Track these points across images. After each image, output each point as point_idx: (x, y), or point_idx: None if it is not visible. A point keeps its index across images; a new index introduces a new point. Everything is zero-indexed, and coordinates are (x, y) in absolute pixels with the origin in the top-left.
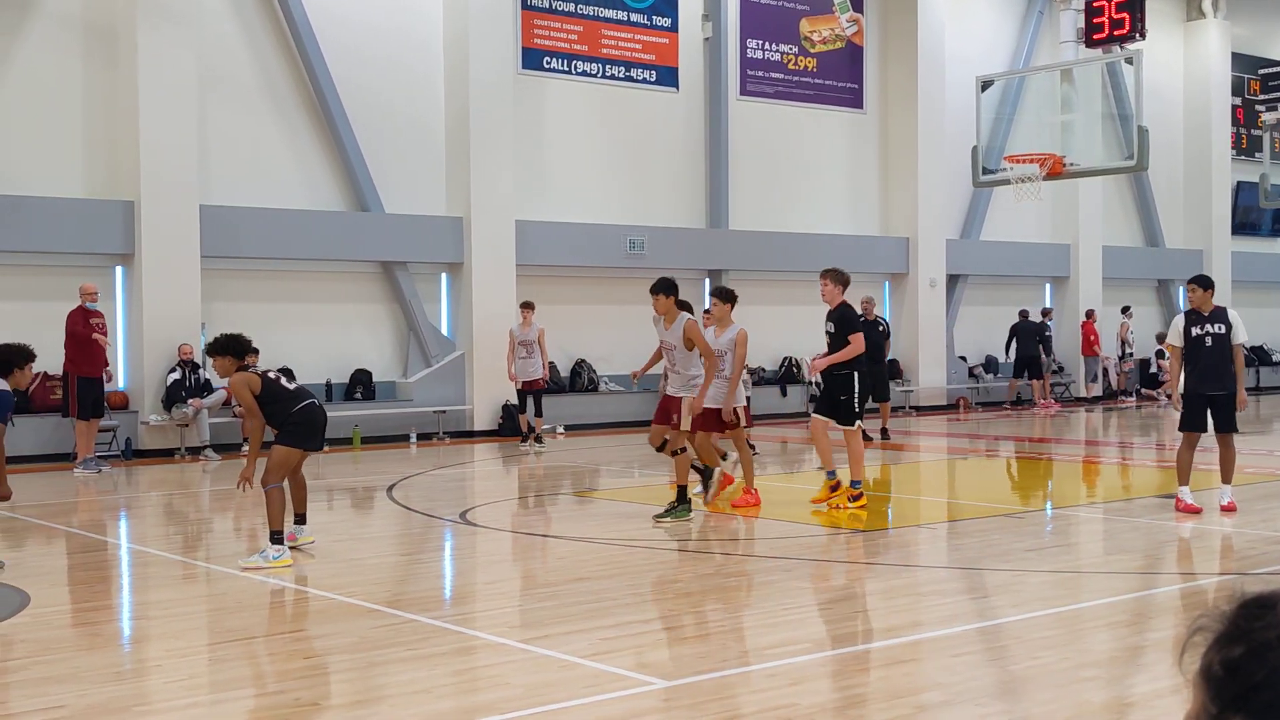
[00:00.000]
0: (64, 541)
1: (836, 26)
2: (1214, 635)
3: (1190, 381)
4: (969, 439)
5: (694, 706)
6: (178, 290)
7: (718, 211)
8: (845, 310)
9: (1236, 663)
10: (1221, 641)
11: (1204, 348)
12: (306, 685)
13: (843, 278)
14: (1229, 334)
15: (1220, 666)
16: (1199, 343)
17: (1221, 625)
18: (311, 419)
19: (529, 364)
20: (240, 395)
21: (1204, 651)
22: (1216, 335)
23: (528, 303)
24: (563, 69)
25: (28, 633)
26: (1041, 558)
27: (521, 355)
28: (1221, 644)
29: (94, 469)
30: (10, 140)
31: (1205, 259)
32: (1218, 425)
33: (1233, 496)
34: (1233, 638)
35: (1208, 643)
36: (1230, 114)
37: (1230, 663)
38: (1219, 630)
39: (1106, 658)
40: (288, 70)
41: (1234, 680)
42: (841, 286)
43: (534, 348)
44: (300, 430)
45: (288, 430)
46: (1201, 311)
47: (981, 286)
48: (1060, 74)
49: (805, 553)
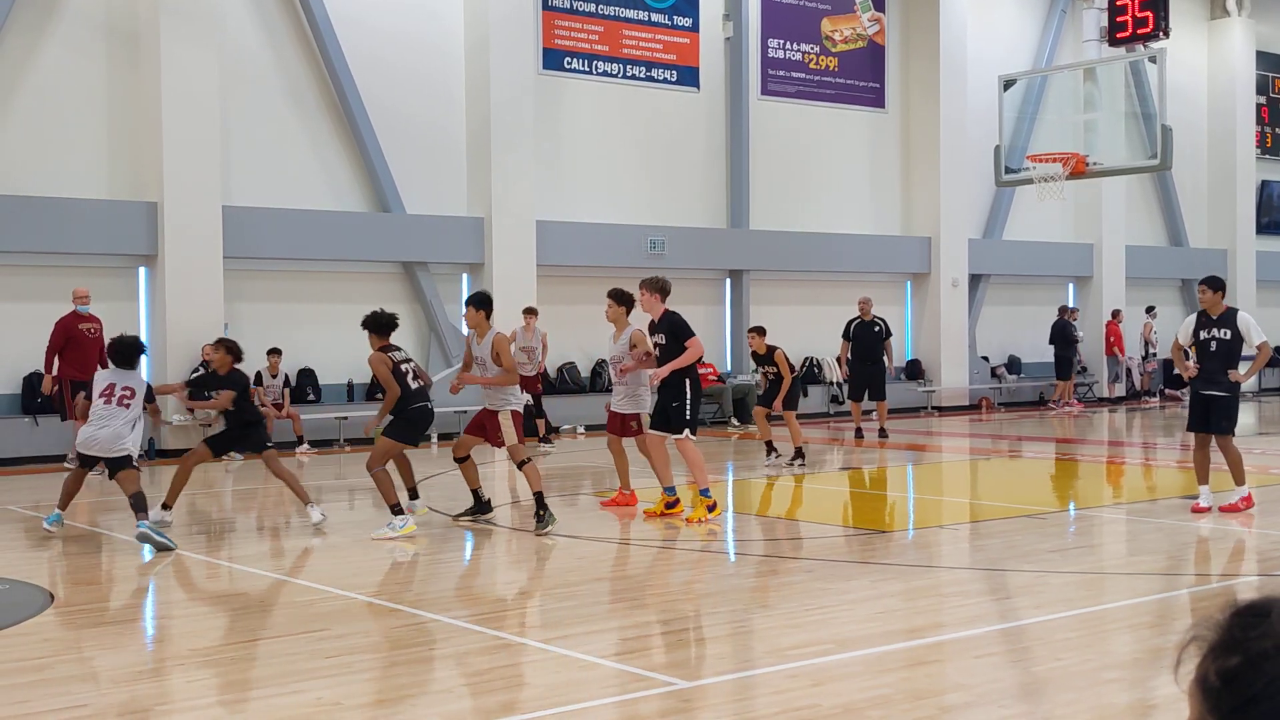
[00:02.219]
0: (86, 541)
1: (858, 26)
2: (1209, 645)
3: (1194, 382)
4: (991, 439)
5: (715, 707)
6: (200, 291)
7: (738, 211)
8: (673, 318)
9: (1233, 673)
10: (1217, 651)
11: (1208, 351)
12: (328, 685)
13: (660, 285)
14: (1235, 340)
15: (1217, 677)
16: (1204, 346)
17: (1216, 634)
18: (420, 420)
19: (528, 367)
20: (377, 370)
21: (1199, 661)
22: (1221, 340)
23: (531, 309)
24: (583, 69)
25: (51, 631)
26: (1064, 559)
27: (522, 361)
28: (1217, 654)
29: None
30: (34, 142)
31: (1229, 259)
32: (1211, 425)
33: (1248, 492)
34: (1228, 647)
35: (1203, 652)
36: (1255, 112)
37: (1227, 673)
38: (1214, 640)
39: (1130, 659)
40: (309, 71)
41: (1231, 691)
42: (660, 295)
43: (535, 354)
44: (408, 428)
45: (397, 424)
46: (1211, 314)
47: (1004, 286)
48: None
49: (827, 553)
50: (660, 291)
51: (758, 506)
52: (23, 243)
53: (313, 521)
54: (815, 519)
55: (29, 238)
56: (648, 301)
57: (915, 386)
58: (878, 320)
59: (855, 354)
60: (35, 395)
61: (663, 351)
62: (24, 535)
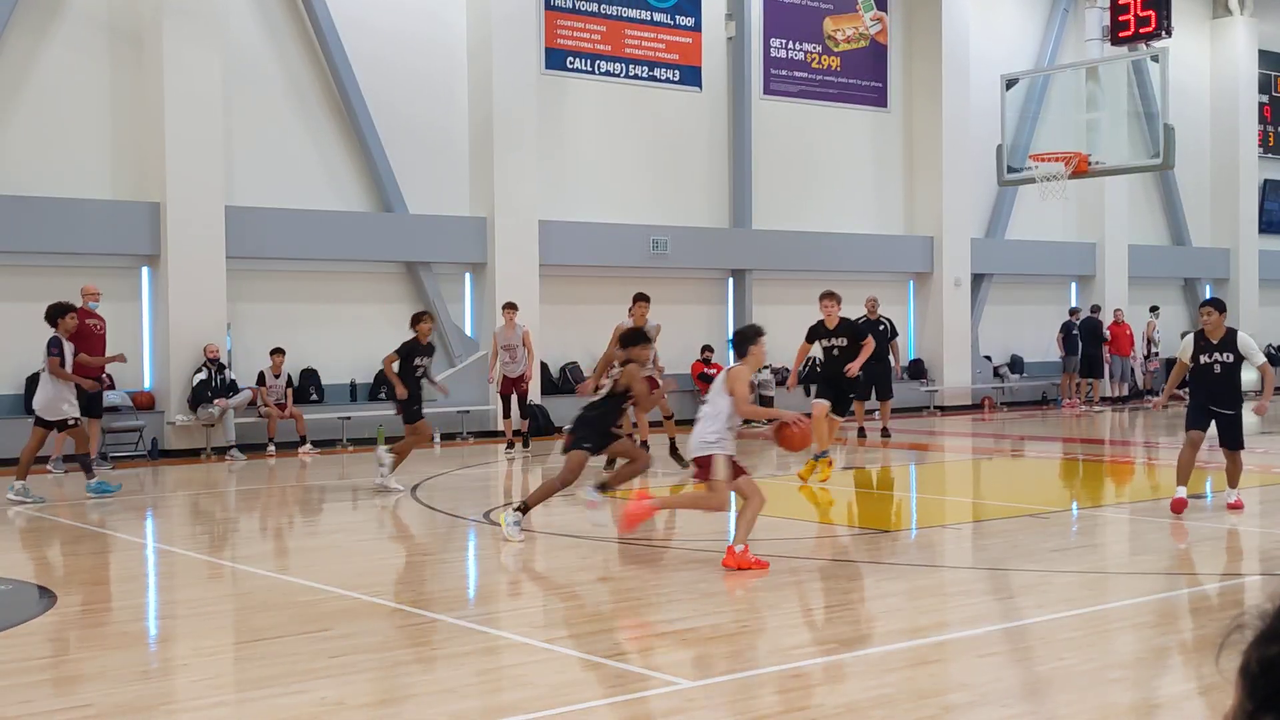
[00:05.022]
0: (90, 541)
1: (860, 25)
2: (1254, 633)
3: (1198, 398)
4: (994, 439)
5: (718, 707)
6: (203, 291)
7: (741, 211)
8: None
9: (1272, 662)
10: (1260, 640)
11: (1212, 374)
12: (331, 685)
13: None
14: (1237, 362)
15: (1257, 664)
16: (1207, 370)
17: (1262, 623)
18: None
19: (512, 367)
20: (633, 384)
21: (1244, 649)
22: (1225, 364)
23: (510, 304)
24: (586, 69)
25: (55, 632)
26: (1067, 558)
27: (505, 360)
28: (1260, 642)
29: (60, 470)
30: (37, 142)
31: (1232, 258)
32: (1223, 441)
33: (1239, 497)
34: (1271, 637)
35: (1247, 640)
36: (1258, 111)
37: (1266, 661)
38: (1259, 628)
39: (1132, 659)
40: (312, 71)
41: (1268, 679)
42: (838, 303)
43: (518, 352)
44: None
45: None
46: (1211, 338)
47: (1006, 285)
48: (1086, 72)
49: (830, 553)
50: (837, 302)
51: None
52: (25, 243)
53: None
54: (817, 519)
55: (31, 238)
56: (830, 310)
57: (918, 386)
58: (883, 320)
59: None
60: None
61: (842, 352)
62: (25, 535)
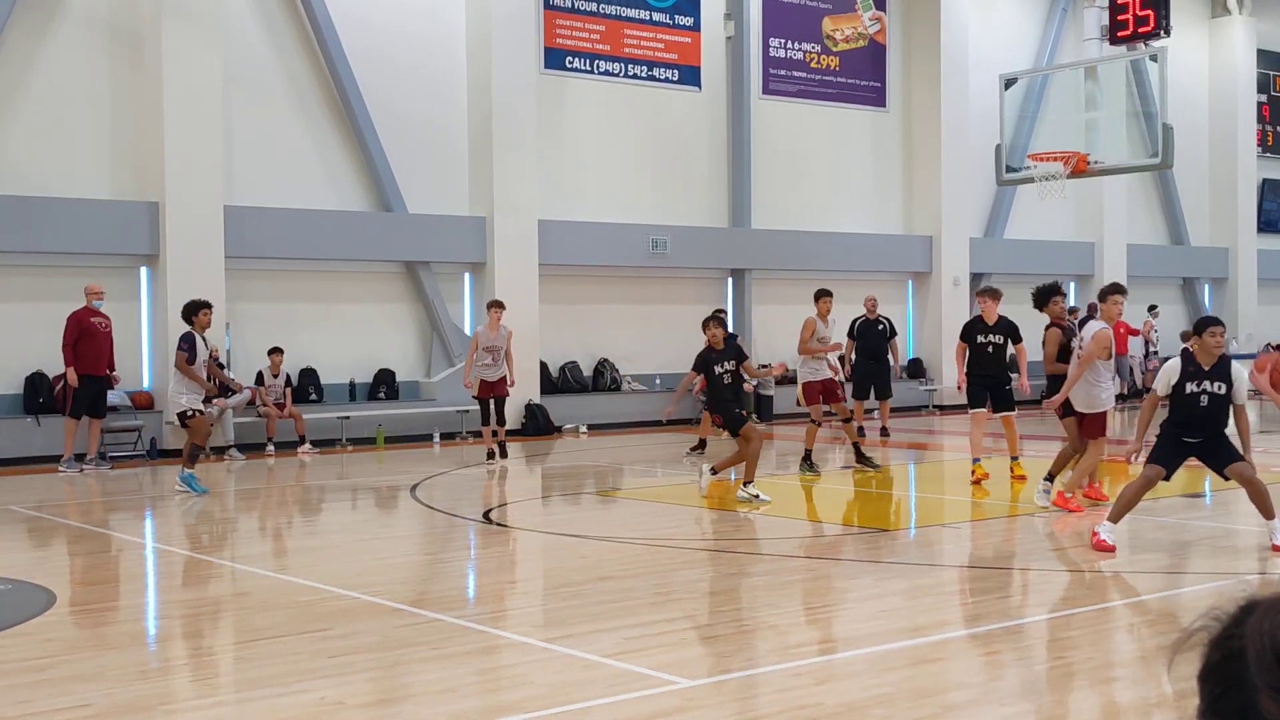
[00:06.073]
0: (90, 540)
1: (859, 25)
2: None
3: (1175, 429)
4: (993, 438)
5: (718, 706)
6: (202, 291)
7: (740, 210)
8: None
9: (1211, 669)
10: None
11: (1197, 406)
12: (331, 684)
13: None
14: (1229, 394)
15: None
16: (1193, 400)
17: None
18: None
19: (492, 370)
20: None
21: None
22: (1215, 395)
23: (496, 301)
24: (585, 69)
25: (54, 631)
26: (1066, 557)
27: (485, 362)
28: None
29: (74, 468)
30: (36, 142)
31: (1230, 257)
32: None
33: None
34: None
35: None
36: (1256, 110)
37: (1206, 669)
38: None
39: (1132, 658)
40: (311, 70)
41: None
42: (995, 300)
43: (500, 355)
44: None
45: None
46: (1204, 364)
47: (1005, 285)
48: (1084, 71)
49: (830, 552)
50: (996, 298)
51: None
52: (25, 243)
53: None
54: (818, 518)
55: (31, 238)
56: (988, 308)
57: (917, 385)
58: (882, 319)
59: (860, 352)
60: (38, 395)
61: (996, 349)
62: (26, 535)
